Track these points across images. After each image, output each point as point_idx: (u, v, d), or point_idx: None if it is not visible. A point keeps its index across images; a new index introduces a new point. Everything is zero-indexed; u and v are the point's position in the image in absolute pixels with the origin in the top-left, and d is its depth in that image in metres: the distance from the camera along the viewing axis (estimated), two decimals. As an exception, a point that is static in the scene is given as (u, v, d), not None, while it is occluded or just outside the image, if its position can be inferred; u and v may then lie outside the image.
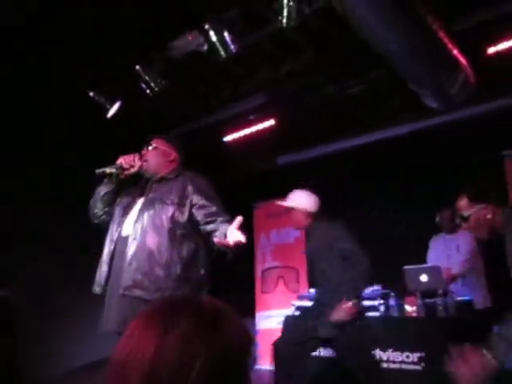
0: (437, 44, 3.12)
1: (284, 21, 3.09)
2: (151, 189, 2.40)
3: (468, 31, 3.56)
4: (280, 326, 3.95)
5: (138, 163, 2.43)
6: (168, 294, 2.09)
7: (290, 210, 3.36)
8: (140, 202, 2.37)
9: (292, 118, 5.08)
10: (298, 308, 4.05)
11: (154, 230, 2.20)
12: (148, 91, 3.94)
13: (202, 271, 2.27)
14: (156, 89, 3.92)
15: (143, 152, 2.50)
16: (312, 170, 5.58)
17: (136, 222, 2.26)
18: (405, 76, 3.57)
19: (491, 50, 3.80)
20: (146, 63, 3.85)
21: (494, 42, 3.77)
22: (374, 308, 3.61)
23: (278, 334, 3.93)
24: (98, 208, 2.46)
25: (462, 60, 3.55)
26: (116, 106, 4.15)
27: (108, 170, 2.41)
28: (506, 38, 3.71)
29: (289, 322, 3.94)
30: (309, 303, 4.01)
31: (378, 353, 3.43)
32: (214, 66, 4.13)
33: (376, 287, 3.78)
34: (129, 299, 2.12)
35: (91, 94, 4.10)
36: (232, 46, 3.45)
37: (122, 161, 2.42)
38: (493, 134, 4.21)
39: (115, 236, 2.31)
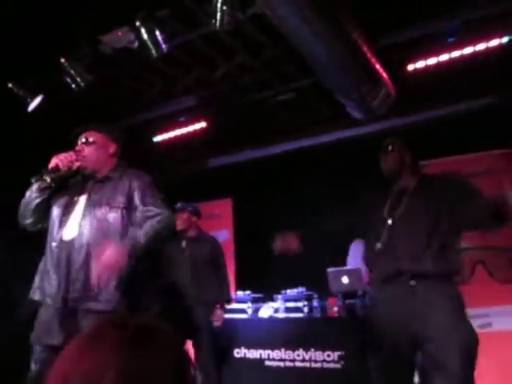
0: (361, 58, 3.30)
1: (217, 24, 3.11)
2: (94, 188, 2.18)
3: (390, 49, 3.80)
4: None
5: (76, 163, 2.16)
6: (120, 302, 1.97)
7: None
8: (82, 201, 2.15)
9: (223, 121, 5.10)
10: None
11: (102, 236, 2.02)
12: (73, 86, 3.77)
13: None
14: (82, 84, 3.76)
15: (78, 148, 2.21)
16: (242, 173, 5.64)
17: (81, 226, 2.07)
18: (331, 86, 3.73)
19: (410, 67, 4.08)
20: (72, 56, 3.68)
21: (413, 60, 4.05)
22: (298, 309, 3.72)
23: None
24: (32, 217, 2.18)
25: (384, 75, 3.78)
26: (37, 100, 3.92)
27: (45, 176, 2.11)
28: (424, 57, 4.01)
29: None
30: (236, 305, 4.05)
31: (301, 352, 3.54)
32: (144, 63, 4.05)
33: (301, 289, 3.90)
34: (77, 312, 1.96)
35: (10, 85, 3.84)
36: (163, 46, 3.41)
37: (58, 162, 2.12)
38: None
39: (57, 240, 2.08)
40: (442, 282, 2.19)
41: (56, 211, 2.16)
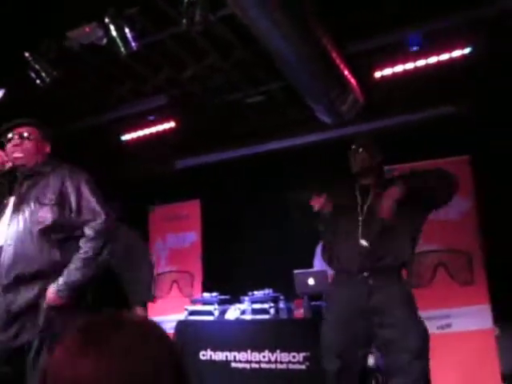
0: (330, 63, 3.36)
1: (188, 25, 3.09)
2: (23, 185, 2.09)
3: (358, 55, 3.88)
4: (172, 332, 3.91)
5: (8, 163, 2.08)
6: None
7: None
8: (12, 201, 2.07)
9: (192, 122, 5.07)
10: (191, 312, 4.03)
11: (30, 235, 1.97)
12: (38, 81, 3.67)
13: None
14: (47, 79, 3.66)
15: (14, 143, 2.10)
16: (210, 174, 5.62)
17: (9, 226, 2.00)
18: (300, 90, 3.78)
19: (378, 74, 4.17)
20: (36, 51, 3.58)
21: (380, 67, 4.15)
22: (264, 311, 3.73)
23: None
24: None
25: (352, 81, 3.85)
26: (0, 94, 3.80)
27: None
28: (391, 64, 4.11)
29: (181, 326, 3.92)
30: (202, 307, 4.02)
31: (267, 354, 3.55)
32: (113, 61, 3.98)
33: (267, 291, 3.90)
34: (16, 312, 1.93)
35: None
36: (133, 44, 3.36)
37: None
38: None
39: None
40: (396, 276, 2.33)
41: None
